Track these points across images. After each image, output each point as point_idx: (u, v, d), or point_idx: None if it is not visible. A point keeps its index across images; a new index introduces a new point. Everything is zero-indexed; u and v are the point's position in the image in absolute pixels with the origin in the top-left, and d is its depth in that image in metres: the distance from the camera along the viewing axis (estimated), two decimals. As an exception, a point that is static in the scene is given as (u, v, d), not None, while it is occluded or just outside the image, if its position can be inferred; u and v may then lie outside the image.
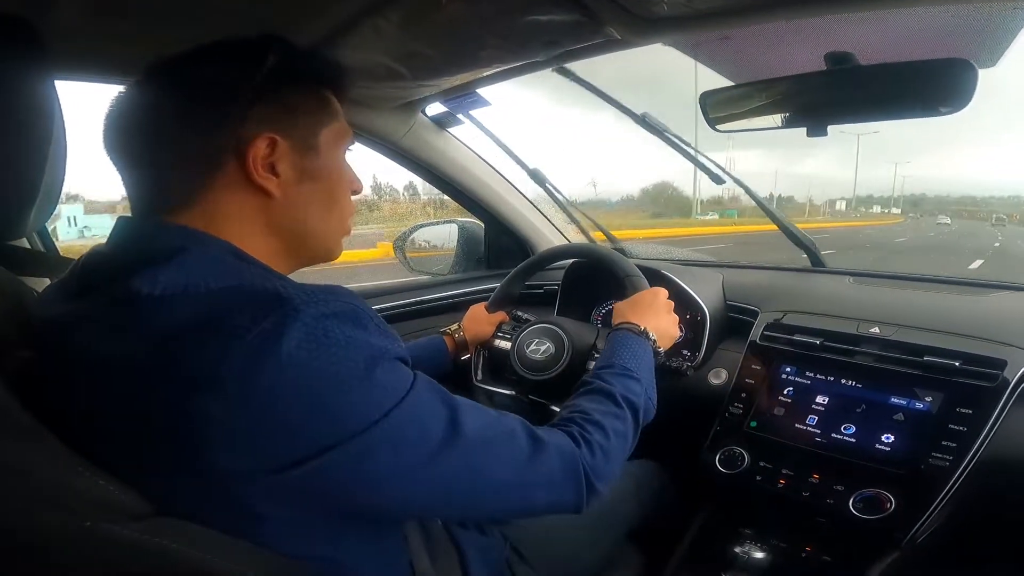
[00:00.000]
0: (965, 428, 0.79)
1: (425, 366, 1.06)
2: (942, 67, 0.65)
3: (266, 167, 0.54)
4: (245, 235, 0.54)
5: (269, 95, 0.54)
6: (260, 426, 0.44)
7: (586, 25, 0.72)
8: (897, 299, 1.08)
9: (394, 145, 1.21)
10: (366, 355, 0.47)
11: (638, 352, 0.81)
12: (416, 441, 0.50)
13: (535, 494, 0.59)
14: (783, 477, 0.90)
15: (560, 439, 0.62)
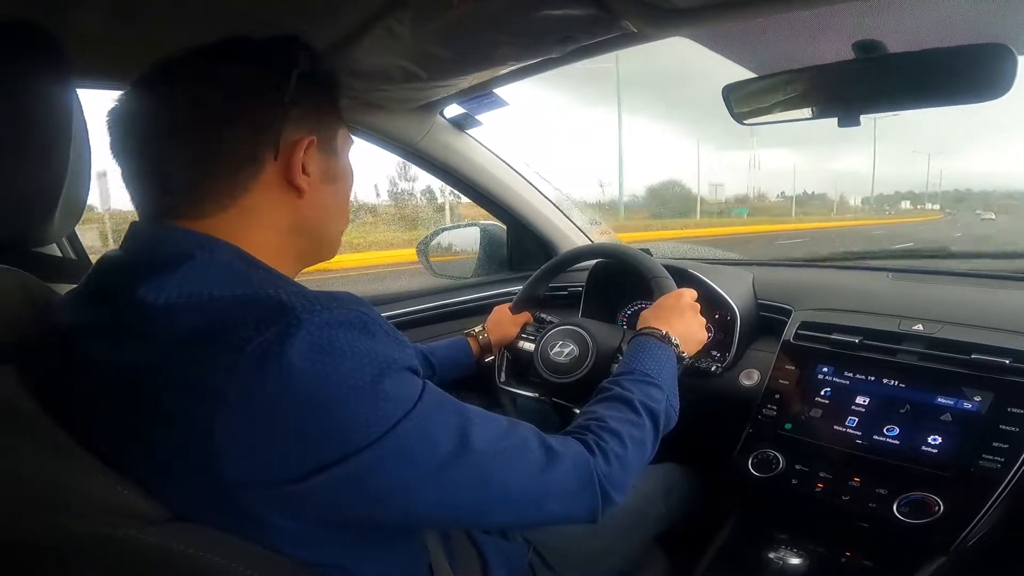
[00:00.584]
0: (1017, 429, 0.75)
1: (449, 367, 1.07)
2: (978, 53, 0.61)
3: (300, 166, 0.54)
4: (266, 236, 0.54)
5: (303, 96, 0.54)
6: (264, 439, 0.43)
7: (601, 19, 0.70)
8: (941, 295, 1.03)
9: (412, 148, 1.21)
10: (373, 365, 0.46)
11: (660, 358, 0.78)
12: (424, 454, 0.48)
13: (548, 505, 0.57)
14: (821, 480, 0.86)
15: (574, 448, 0.60)
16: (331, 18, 0.80)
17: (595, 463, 0.60)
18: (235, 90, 0.52)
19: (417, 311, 1.38)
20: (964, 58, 0.62)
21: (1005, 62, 0.61)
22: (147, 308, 0.45)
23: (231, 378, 0.42)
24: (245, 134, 0.52)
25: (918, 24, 0.70)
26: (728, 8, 0.67)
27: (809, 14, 0.71)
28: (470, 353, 1.11)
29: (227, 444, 0.42)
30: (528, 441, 0.56)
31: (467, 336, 1.12)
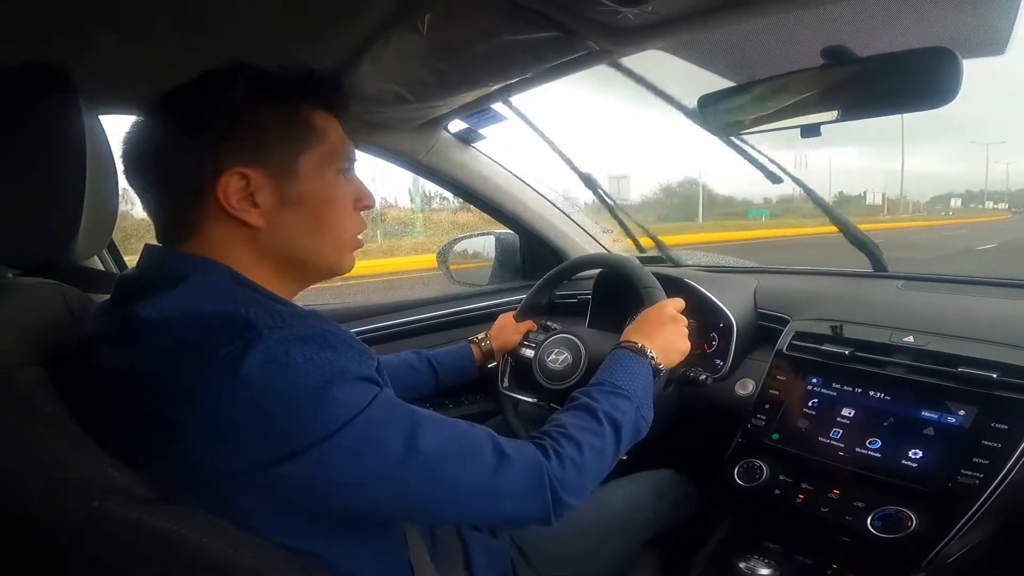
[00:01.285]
0: (999, 444, 0.72)
1: (452, 373, 1.11)
2: (924, 58, 0.60)
3: (244, 199, 0.56)
4: (242, 262, 0.58)
5: (242, 126, 0.56)
6: (228, 433, 0.49)
7: (565, 41, 0.74)
8: (945, 304, 1.00)
9: (419, 163, 1.27)
10: (323, 374, 0.51)
11: (633, 370, 0.80)
12: (370, 454, 0.52)
13: (500, 504, 0.60)
14: (802, 492, 0.85)
15: (528, 452, 0.63)
16: (326, 47, 0.87)
17: (548, 466, 0.62)
18: (174, 127, 0.57)
19: (434, 317, 1.44)
20: (911, 63, 0.61)
21: (950, 65, 0.59)
22: (143, 321, 0.52)
23: (200, 382, 0.49)
24: (182, 171, 0.56)
25: (886, 32, 0.69)
26: (680, 22, 0.69)
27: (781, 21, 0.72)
28: (472, 359, 1.15)
29: (197, 438, 0.49)
30: (480, 444, 0.60)
31: (471, 343, 1.16)
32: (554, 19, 0.69)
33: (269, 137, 0.57)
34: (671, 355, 0.87)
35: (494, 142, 1.36)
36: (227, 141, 0.56)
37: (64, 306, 0.64)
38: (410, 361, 1.09)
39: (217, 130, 0.55)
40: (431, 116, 1.12)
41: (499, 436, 0.62)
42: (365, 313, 1.40)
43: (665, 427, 1.15)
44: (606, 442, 0.70)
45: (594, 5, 0.64)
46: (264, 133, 0.57)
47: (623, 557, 0.96)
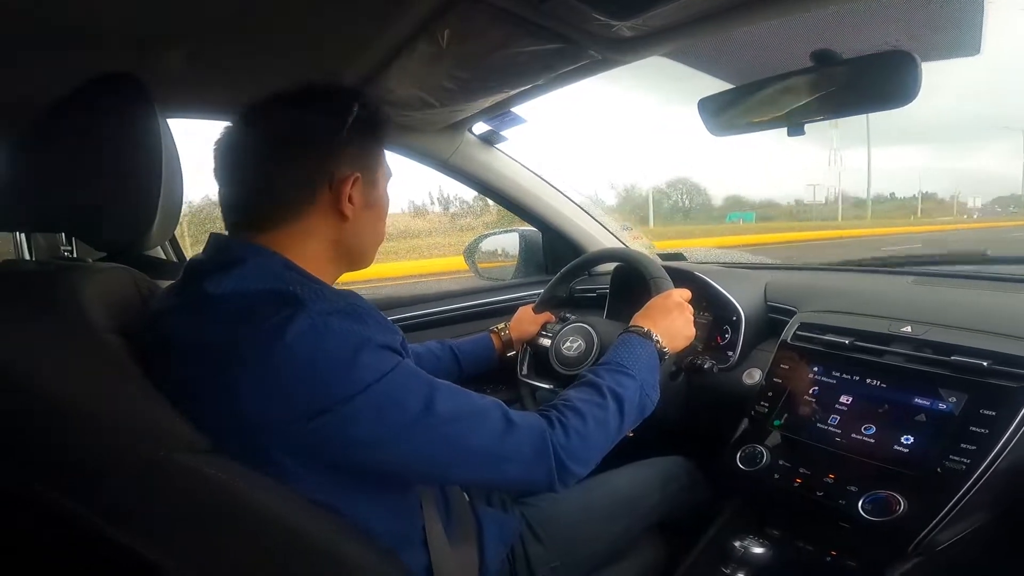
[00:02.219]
0: (986, 430, 0.74)
1: (472, 361, 1.19)
2: (885, 61, 0.64)
3: (348, 196, 0.68)
4: (311, 249, 0.69)
5: (355, 139, 0.69)
6: (273, 390, 0.58)
7: (569, 51, 0.81)
8: (948, 298, 1.01)
9: (444, 163, 1.36)
10: (354, 342, 0.60)
11: (637, 351, 0.85)
12: (393, 412, 0.60)
13: (506, 467, 0.67)
14: (799, 476, 0.89)
15: (533, 420, 0.69)
16: (360, 57, 0.96)
17: (553, 434, 0.69)
18: (301, 133, 0.67)
19: (460, 308, 1.53)
20: (874, 66, 0.65)
21: (909, 68, 0.62)
22: (209, 296, 0.62)
23: (252, 346, 0.58)
24: (307, 169, 0.67)
25: (869, 35, 0.73)
26: (676, 32, 0.74)
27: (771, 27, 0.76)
28: (492, 349, 1.22)
29: (246, 394, 0.58)
30: (489, 411, 0.67)
31: (491, 333, 1.24)
32: (558, 32, 0.76)
33: (369, 151, 0.71)
34: (676, 340, 0.92)
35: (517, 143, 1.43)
36: (348, 147, 0.68)
37: (135, 288, 0.75)
38: (434, 349, 1.17)
39: (343, 139, 0.68)
40: (455, 119, 1.19)
41: (507, 407, 0.68)
42: (397, 303, 1.50)
43: (675, 415, 1.20)
44: (609, 414, 0.76)
45: (591, 20, 0.71)
46: (366, 147, 0.71)
47: (629, 538, 1.01)
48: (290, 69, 0.74)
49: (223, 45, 0.90)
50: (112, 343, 0.60)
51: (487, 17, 0.75)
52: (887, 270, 1.24)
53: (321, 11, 0.82)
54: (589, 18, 0.70)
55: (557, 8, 0.69)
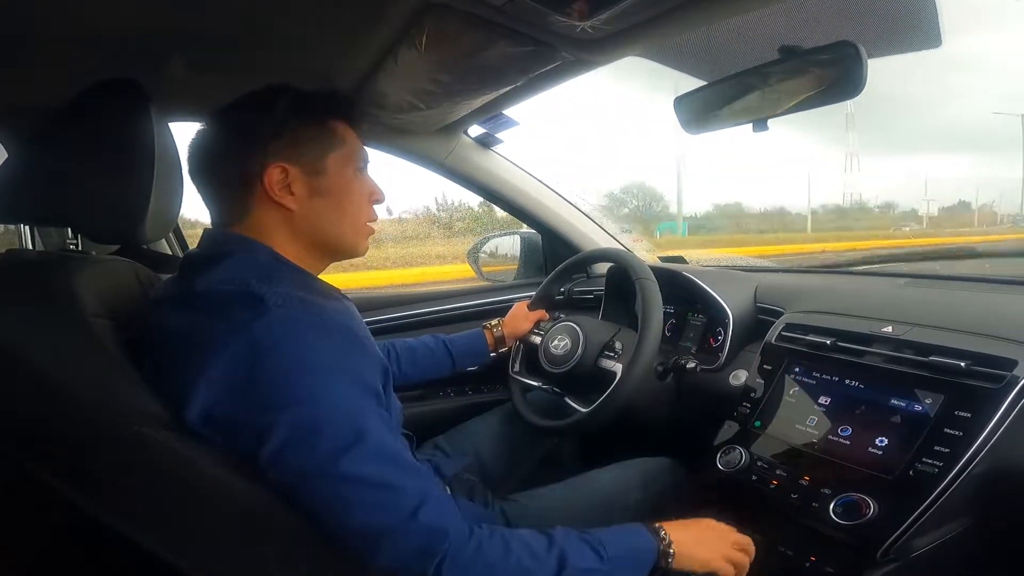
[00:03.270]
0: (961, 432, 0.73)
1: (465, 355, 1.21)
2: (831, 52, 0.63)
3: (283, 189, 0.70)
4: (281, 241, 0.72)
5: (283, 132, 0.70)
6: (231, 382, 0.60)
7: (542, 53, 0.82)
8: (935, 299, 0.99)
9: (440, 165, 1.39)
10: (303, 356, 0.61)
11: (631, 542, 0.73)
12: (301, 445, 0.59)
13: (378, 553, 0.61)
14: (776, 478, 0.88)
15: (444, 524, 0.62)
16: (349, 62, 1.00)
17: (455, 545, 0.61)
18: (230, 132, 0.72)
19: (461, 307, 1.56)
20: (822, 58, 0.64)
21: (854, 59, 0.61)
22: (195, 291, 0.66)
23: (220, 339, 0.61)
24: (236, 167, 0.70)
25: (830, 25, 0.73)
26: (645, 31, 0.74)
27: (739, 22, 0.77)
28: (485, 344, 1.24)
29: (211, 382, 0.60)
30: (404, 493, 0.61)
31: (484, 328, 1.25)
32: (525, 34, 0.77)
33: (303, 141, 0.72)
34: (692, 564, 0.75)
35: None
36: (272, 143, 0.70)
37: (136, 279, 0.79)
38: (428, 343, 1.20)
39: (264, 136, 0.70)
40: (447, 121, 1.22)
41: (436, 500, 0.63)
42: (397, 301, 1.53)
43: (662, 416, 1.20)
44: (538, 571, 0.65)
45: (554, 21, 0.72)
46: (299, 138, 0.71)
47: None
48: (283, 74, 0.78)
49: (218, 52, 0.95)
50: (99, 327, 0.64)
51: (458, 22, 0.77)
52: (881, 273, 1.21)
53: (311, 17, 0.85)
54: (552, 19, 0.72)
55: (519, 10, 0.71)
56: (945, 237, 16.91)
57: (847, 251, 8.07)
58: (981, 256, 1.00)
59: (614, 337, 1.16)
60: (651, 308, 1.07)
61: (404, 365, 1.15)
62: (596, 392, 1.08)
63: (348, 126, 0.76)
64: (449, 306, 1.54)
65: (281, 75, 0.82)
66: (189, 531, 0.62)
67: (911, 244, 11.14)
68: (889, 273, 1.20)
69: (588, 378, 1.13)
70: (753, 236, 18.09)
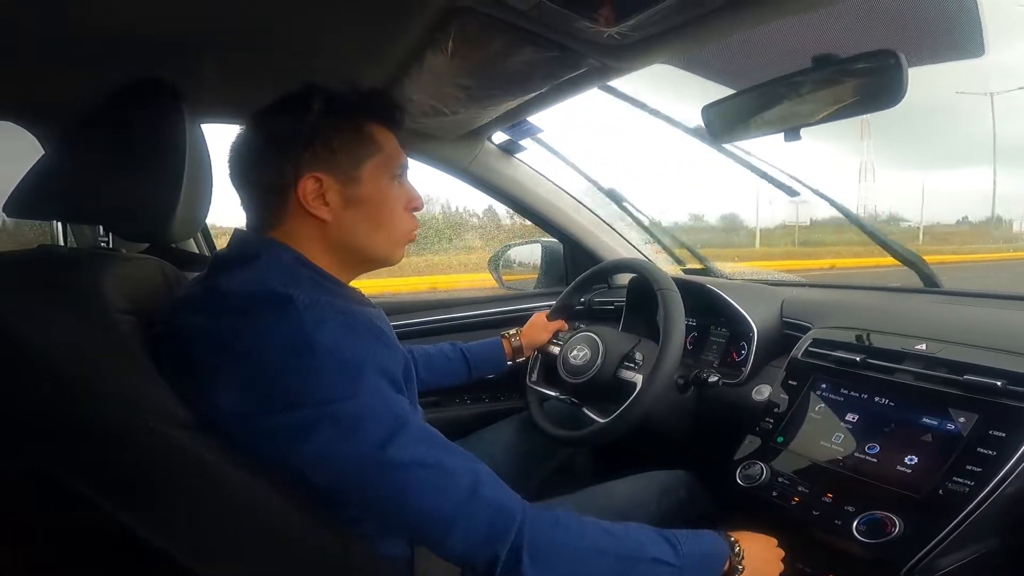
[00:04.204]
0: (994, 452, 0.70)
1: (482, 364, 1.21)
2: (869, 60, 0.62)
3: (317, 199, 0.69)
4: (313, 249, 0.71)
5: (316, 139, 0.69)
6: (248, 382, 0.61)
7: (567, 59, 0.82)
8: (970, 317, 0.96)
9: (463, 171, 1.39)
10: (337, 354, 0.60)
11: (706, 547, 0.72)
12: (349, 437, 0.58)
13: (448, 538, 0.60)
14: (797, 495, 0.85)
15: (508, 500, 0.62)
16: (375, 66, 1.01)
17: (527, 522, 0.61)
18: (265, 139, 0.71)
19: (481, 315, 1.56)
20: (861, 66, 0.63)
21: (894, 67, 0.60)
22: (219, 290, 0.66)
23: (246, 339, 0.61)
24: (272, 175, 0.70)
25: (870, 36, 0.71)
26: (674, 38, 0.74)
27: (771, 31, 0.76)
28: (502, 353, 1.23)
29: (235, 382, 0.61)
30: (457, 474, 0.61)
31: (503, 338, 1.25)
32: (552, 40, 0.78)
33: (338, 147, 0.70)
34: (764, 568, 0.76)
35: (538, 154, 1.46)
36: (306, 152, 0.68)
37: (163, 277, 0.80)
38: (445, 350, 1.19)
39: (298, 144, 0.69)
40: (470, 127, 1.23)
41: (490, 477, 0.63)
42: (419, 307, 1.54)
43: (683, 429, 1.18)
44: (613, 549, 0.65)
45: (582, 26, 0.72)
46: (334, 144, 0.70)
47: None
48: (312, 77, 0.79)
49: (247, 55, 0.97)
50: (124, 323, 0.65)
51: (484, 26, 0.78)
52: (911, 289, 1.18)
53: (339, 20, 0.87)
54: (579, 25, 0.72)
55: (545, 15, 0.71)
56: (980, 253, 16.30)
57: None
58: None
59: (634, 348, 1.14)
60: (673, 319, 1.05)
61: (421, 371, 1.15)
62: (615, 403, 1.07)
63: (386, 128, 0.75)
64: (469, 313, 1.54)
65: (308, 78, 0.83)
66: (201, 532, 0.62)
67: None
68: (920, 290, 1.16)
69: (607, 389, 1.12)
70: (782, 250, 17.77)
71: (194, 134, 0.77)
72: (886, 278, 1.38)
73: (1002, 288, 1.07)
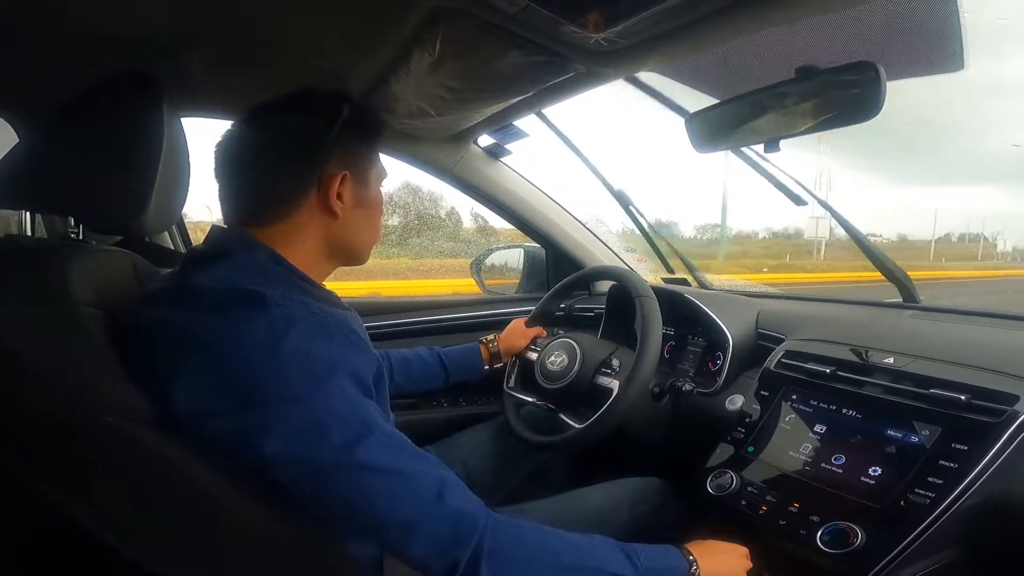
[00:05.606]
0: (956, 465, 0.71)
1: (458, 368, 1.21)
2: (850, 72, 0.64)
3: (338, 196, 0.72)
4: (305, 245, 0.72)
5: (344, 140, 0.72)
6: (224, 376, 0.59)
7: (553, 63, 0.83)
8: (940, 332, 0.98)
9: (448, 173, 1.39)
10: (305, 353, 0.60)
11: (667, 561, 0.74)
12: (313, 437, 0.58)
13: (411, 545, 0.60)
14: (766, 504, 0.86)
15: (472, 508, 0.63)
16: (363, 65, 1.01)
17: (488, 528, 0.61)
18: (291, 134, 0.71)
19: (460, 318, 1.55)
20: (840, 78, 0.64)
21: (873, 79, 0.62)
22: (189, 287, 0.66)
23: (216, 336, 0.60)
24: (297, 169, 0.71)
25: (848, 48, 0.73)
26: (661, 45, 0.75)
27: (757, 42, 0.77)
28: (479, 359, 1.23)
29: (202, 378, 0.60)
30: (421, 480, 0.61)
31: (481, 343, 1.25)
32: (539, 44, 0.78)
33: (358, 151, 0.74)
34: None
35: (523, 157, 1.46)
36: (337, 149, 0.71)
37: (133, 271, 0.79)
38: (422, 354, 1.20)
39: (329, 142, 0.71)
40: (457, 130, 1.23)
41: (456, 484, 0.63)
42: (396, 308, 1.53)
43: (657, 437, 1.19)
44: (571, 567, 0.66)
45: (568, 31, 0.73)
46: (355, 148, 0.74)
47: None
48: (299, 75, 0.79)
49: (234, 50, 0.96)
50: (88, 316, 0.63)
51: (472, 28, 0.78)
52: (884, 304, 1.20)
53: (327, 18, 0.86)
54: (566, 30, 0.73)
55: (533, 20, 0.72)
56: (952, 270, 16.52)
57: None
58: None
59: (612, 355, 1.15)
60: (650, 326, 1.06)
61: (397, 375, 1.15)
62: (591, 409, 1.07)
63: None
64: (448, 316, 1.54)
65: (295, 75, 0.83)
66: (164, 532, 0.61)
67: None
68: (893, 304, 1.18)
69: (584, 395, 1.12)
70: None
71: (173, 128, 0.76)
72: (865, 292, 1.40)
73: (977, 305, 1.09)
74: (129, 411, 0.59)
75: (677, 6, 0.65)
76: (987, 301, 9.17)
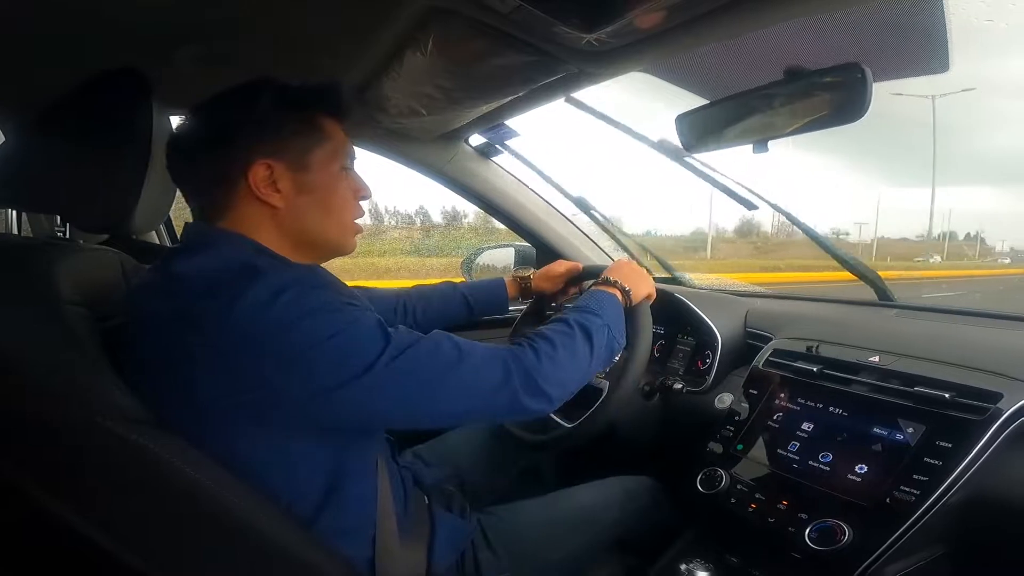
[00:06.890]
0: (940, 462, 0.73)
1: (483, 305, 1.19)
2: (837, 74, 0.65)
3: (269, 186, 0.69)
4: (267, 237, 0.71)
5: (266, 128, 0.70)
6: (228, 358, 0.60)
7: (545, 63, 0.83)
8: (925, 331, 1.00)
9: (440, 172, 1.39)
10: (309, 306, 0.62)
11: (602, 299, 0.89)
12: (351, 359, 0.62)
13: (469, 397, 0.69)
14: (755, 502, 0.87)
15: (489, 347, 0.71)
16: (355, 63, 1.00)
17: (522, 356, 0.72)
18: (212, 129, 0.71)
19: None
20: (826, 80, 0.65)
21: (859, 80, 0.63)
22: (177, 274, 0.65)
23: (209, 317, 0.60)
24: (218, 164, 0.69)
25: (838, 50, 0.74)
26: (652, 46, 0.75)
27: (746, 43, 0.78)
28: (504, 294, 1.19)
29: (200, 363, 0.60)
30: (438, 344, 0.68)
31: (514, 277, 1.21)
32: (531, 44, 0.78)
33: (287, 136, 0.71)
34: (640, 284, 0.97)
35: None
36: (256, 139, 0.69)
37: (120, 269, 0.78)
38: (443, 289, 1.18)
39: (247, 132, 0.69)
40: (448, 128, 1.23)
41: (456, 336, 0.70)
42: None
43: (647, 435, 1.20)
44: (577, 343, 0.79)
45: (560, 32, 0.73)
46: (284, 132, 0.71)
47: (585, 554, 0.99)
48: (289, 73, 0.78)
49: (224, 47, 0.95)
50: (73, 314, 0.63)
51: (464, 28, 0.78)
52: (871, 303, 1.22)
53: (318, 16, 0.86)
54: (557, 30, 0.73)
55: (525, 20, 0.72)
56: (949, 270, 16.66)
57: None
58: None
59: None
60: (641, 326, 1.06)
61: (419, 315, 1.14)
62: (581, 408, 1.07)
63: (335, 121, 0.76)
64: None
65: (286, 73, 0.82)
66: (152, 532, 0.61)
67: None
68: (877, 303, 1.20)
69: None
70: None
71: (162, 126, 0.76)
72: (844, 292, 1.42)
73: (951, 303, 1.11)
74: (118, 411, 0.59)
75: (668, 8, 0.65)
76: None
